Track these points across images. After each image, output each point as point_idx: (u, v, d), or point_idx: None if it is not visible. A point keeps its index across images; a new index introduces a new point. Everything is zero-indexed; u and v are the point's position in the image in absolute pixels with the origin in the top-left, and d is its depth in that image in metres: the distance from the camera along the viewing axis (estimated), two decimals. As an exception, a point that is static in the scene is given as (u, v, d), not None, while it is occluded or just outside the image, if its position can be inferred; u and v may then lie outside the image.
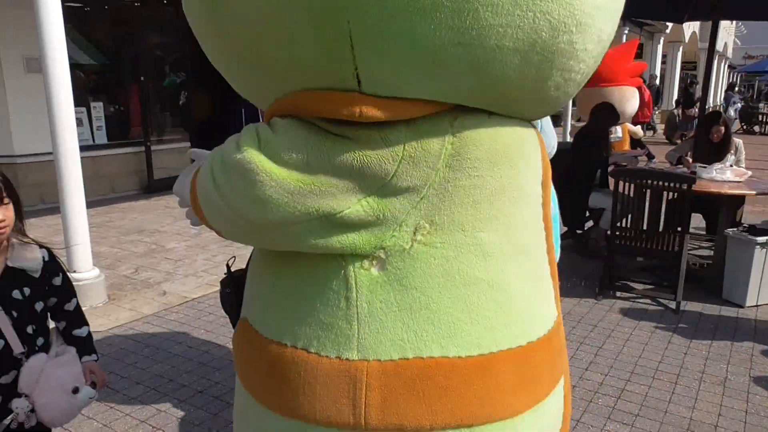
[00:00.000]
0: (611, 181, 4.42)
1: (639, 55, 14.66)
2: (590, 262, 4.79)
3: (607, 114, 4.97)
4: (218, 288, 2.19)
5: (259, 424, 0.97)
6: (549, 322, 1.00)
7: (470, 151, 0.85)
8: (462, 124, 0.85)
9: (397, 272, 0.87)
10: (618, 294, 4.20)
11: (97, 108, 7.35)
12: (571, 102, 12.15)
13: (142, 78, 7.81)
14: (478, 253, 0.88)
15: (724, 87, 30.31)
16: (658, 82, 13.07)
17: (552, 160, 4.34)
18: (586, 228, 5.22)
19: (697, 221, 5.28)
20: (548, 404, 0.99)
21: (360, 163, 0.81)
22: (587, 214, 5.13)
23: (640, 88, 10.55)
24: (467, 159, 0.85)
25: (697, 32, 21.08)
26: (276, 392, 0.92)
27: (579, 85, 0.98)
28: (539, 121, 1.85)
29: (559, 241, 2.13)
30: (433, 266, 0.86)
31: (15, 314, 1.48)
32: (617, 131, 6.66)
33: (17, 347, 1.48)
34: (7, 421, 1.48)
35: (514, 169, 0.91)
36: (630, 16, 9.40)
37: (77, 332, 1.66)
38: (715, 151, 4.89)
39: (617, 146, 6.86)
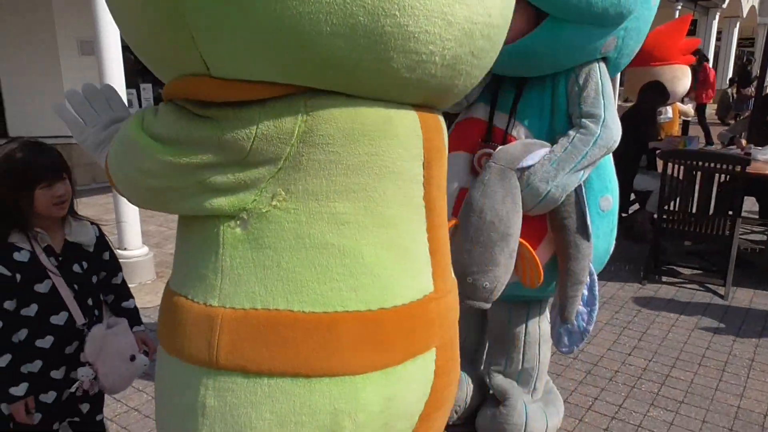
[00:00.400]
0: (660, 163, 4.29)
1: (692, 32, 14.11)
2: (636, 246, 4.68)
3: (656, 93, 4.81)
4: None
5: (160, 365, 1.13)
6: (414, 294, 1.07)
7: (323, 129, 0.94)
8: (316, 104, 0.94)
9: (256, 232, 0.98)
10: (664, 279, 4.11)
11: (146, 89, 7.56)
12: (618, 81, 11.81)
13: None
14: (331, 221, 0.98)
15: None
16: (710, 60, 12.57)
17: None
18: (632, 211, 5.11)
19: (751, 204, 5.09)
20: (402, 372, 1.06)
21: (219, 141, 0.92)
22: (633, 197, 5.01)
23: (704, 67, 10.13)
24: (320, 135, 0.94)
25: (756, 6, 20.06)
26: (169, 335, 1.06)
27: (451, 67, 1.01)
28: (602, 113, 1.81)
29: (614, 231, 2.08)
30: (286, 229, 0.97)
31: (76, 287, 1.57)
32: (668, 111, 6.43)
33: (80, 319, 1.56)
34: (72, 389, 1.57)
35: (375, 147, 0.99)
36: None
37: (125, 304, 1.74)
38: (772, 133, 4.69)
39: (667, 127, 6.64)
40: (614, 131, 1.84)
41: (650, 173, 4.73)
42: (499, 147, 1.86)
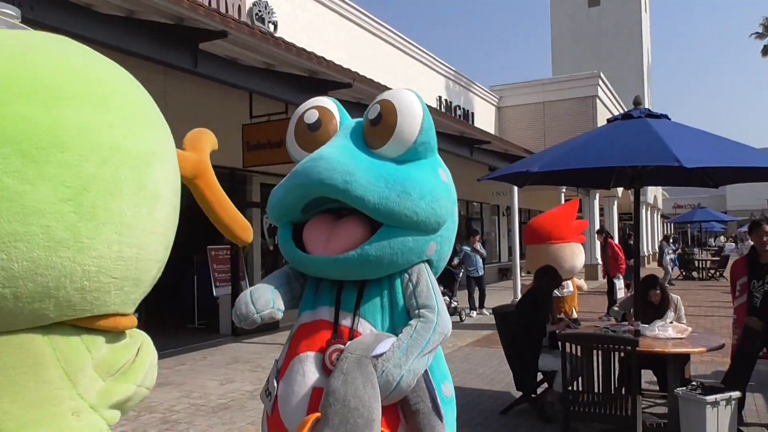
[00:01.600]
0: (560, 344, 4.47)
1: (579, 209, 15.61)
2: (548, 428, 4.66)
3: (550, 277, 5.17)
4: None
5: None
6: None
7: None
8: None
9: None
10: (579, 464, 4.05)
11: None
12: (517, 258, 12.62)
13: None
14: None
15: (659, 235, 32.23)
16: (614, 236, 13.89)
17: (500, 324, 4.42)
18: (540, 392, 5.16)
19: (651, 374, 5.30)
20: None
21: None
22: (541, 376, 5.11)
23: (609, 244, 11.22)
24: None
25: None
26: None
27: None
28: (436, 305, 2.08)
29: (455, 419, 2.18)
30: None
31: None
32: (568, 285, 6.90)
33: None
34: None
35: None
36: (563, 184, 10.18)
37: None
38: (656, 309, 5.08)
39: (570, 300, 7.06)
40: (447, 320, 2.08)
41: (553, 353, 4.89)
42: (350, 341, 1.99)
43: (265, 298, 2.08)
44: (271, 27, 10.05)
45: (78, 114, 1.07)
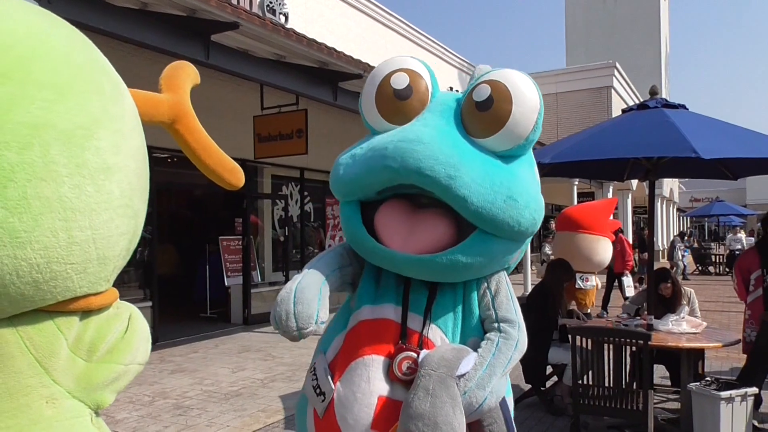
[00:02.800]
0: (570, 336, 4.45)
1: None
2: (557, 421, 4.66)
3: (562, 270, 5.14)
4: None
5: None
6: None
7: None
8: None
9: None
10: (588, 457, 4.05)
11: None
12: (528, 252, 12.56)
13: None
14: None
15: (675, 229, 31.86)
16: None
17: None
18: (549, 384, 5.15)
19: (663, 370, 5.26)
20: None
21: None
22: (550, 370, 5.10)
23: (619, 238, 11.01)
24: None
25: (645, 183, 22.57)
26: None
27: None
28: (517, 319, 1.89)
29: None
30: None
31: None
32: (592, 279, 6.79)
33: None
34: None
35: None
36: (576, 176, 10.10)
37: None
38: (667, 303, 5.03)
39: (590, 294, 6.97)
40: (526, 336, 1.91)
41: (563, 346, 4.87)
42: (427, 352, 1.80)
43: (308, 312, 1.77)
44: (282, 18, 10.03)
45: None
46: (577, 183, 16.21)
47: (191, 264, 10.57)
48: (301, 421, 1.99)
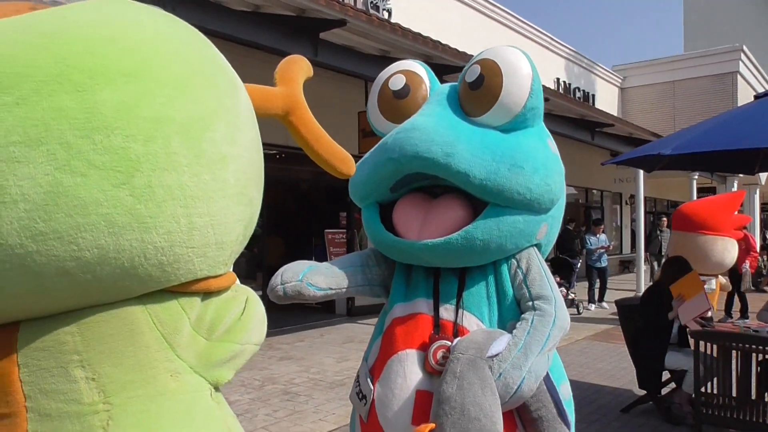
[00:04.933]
0: (692, 341, 4.14)
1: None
2: (675, 430, 4.35)
3: (677, 268, 4.78)
4: None
5: None
6: None
7: None
8: None
9: None
10: (711, 472, 3.76)
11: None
12: (641, 248, 11.86)
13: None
14: None
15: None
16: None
17: (623, 317, 4.13)
18: (667, 391, 4.83)
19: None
20: None
21: None
22: (668, 375, 4.78)
23: (745, 236, 10.04)
24: None
25: (774, 174, 20.61)
26: None
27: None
28: (552, 294, 1.84)
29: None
30: None
31: None
32: (711, 282, 6.27)
33: None
34: None
35: None
36: (697, 169, 9.39)
37: None
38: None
39: (710, 298, 6.42)
40: (566, 312, 1.84)
41: (683, 351, 4.55)
42: (458, 338, 1.76)
43: (294, 270, 1.82)
44: (385, 14, 10.13)
45: (113, 92, 1.02)
46: (696, 177, 15.07)
47: (298, 256, 10.93)
48: (353, 429, 2.00)
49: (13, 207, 0.96)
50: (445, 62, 7.40)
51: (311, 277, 1.83)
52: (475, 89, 1.83)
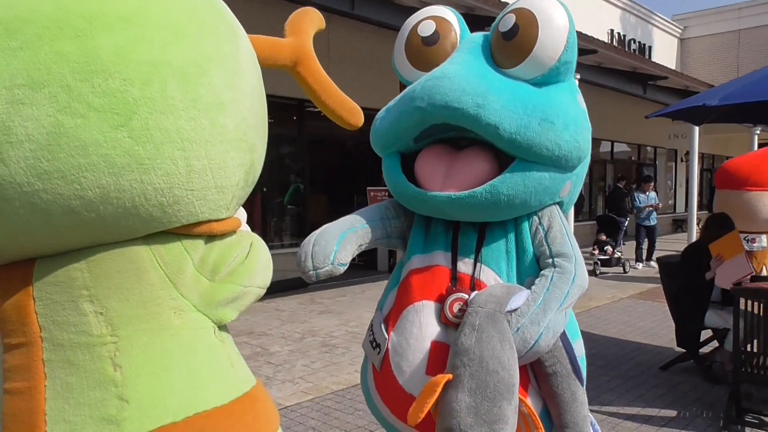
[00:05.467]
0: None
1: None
2: (715, 389, 4.28)
3: (719, 225, 4.59)
4: (311, 396, 2.22)
5: None
6: None
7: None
8: None
9: None
10: (747, 430, 3.68)
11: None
12: (694, 209, 11.43)
13: (264, 189, 8.51)
14: None
15: None
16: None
17: (664, 275, 3.99)
18: (708, 350, 4.73)
19: None
20: None
21: None
22: (710, 334, 4.67)
23: None
24: None
25: None
26: None
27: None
28: (572, 252, 1.82)
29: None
30: None
31: None
32: (761, 240, 5.99)
33: None
34: None
35: None
36: (754, 122, 8.88)
37: None
38: None
39: (759, 256, 6.17)
40: (585, 271, 1.82)
41: (726, 309, 4.41)
42: (476, 292, 1.76)
43: (325, 252, 1.78)
44: (430, -35, 9.85)
45: (111, 37, 1.06)
46: (758, 132, 14.27)
47: (341, 213, 10.97)
48: (364, 380, 2.01)
49: (19, 147, 1.02)
50: (488, 14, 7.18)
51: (340, 257, 1.82)
52: (509, 40, 1.77)
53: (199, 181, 1.20)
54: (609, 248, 10.07)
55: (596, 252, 10.10)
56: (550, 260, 1.81)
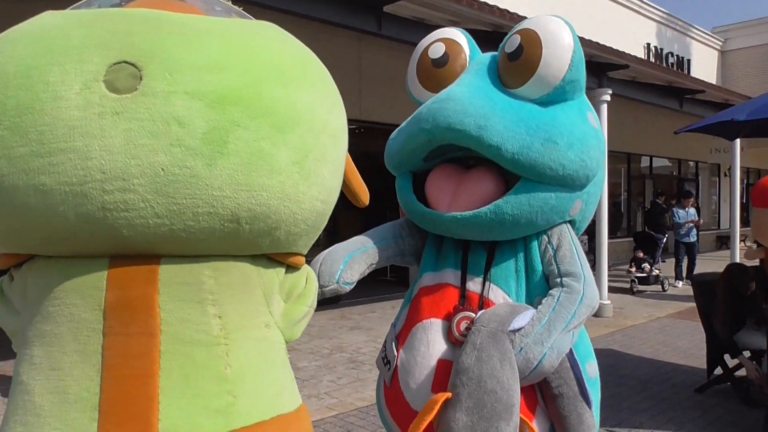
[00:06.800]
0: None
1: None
2: (752, 412, 4.12)
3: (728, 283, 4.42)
4: (336, 412, 2.28)
5: None
6: None
7: (30, 286, 1.30)
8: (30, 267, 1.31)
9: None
10: (787, 456, 3.53)
11: None
12: (737, 227, 11.07)
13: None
14: (29, 362, 1.25)
15: None
16: None
17: (698, 293, 3.88)
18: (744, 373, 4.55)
19: None
20: None
21: None
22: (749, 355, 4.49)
23: None
24: (30, 292, 1.30)
25: None
26: None
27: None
28: (581, 272, 1.81)
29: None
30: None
31: None
32: None
33: None
34: None
35: (58, 297, 1.26)
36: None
37: None
38: None
39: None
40: (595, 290, 1.79)
41: (762, 329, 4.26)
42: (482, 311, 1.76)
43: (330, 272, 1.81)
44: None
45: (305, 95, 1.32)
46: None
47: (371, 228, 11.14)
48: (378, 396, 2.05)
49: (227, 158, 1.19)
50: (516, 30, 7.17)
51: (346, 276, 1.85)
52: (514, 60, 1.79)
53: (314, 220, 1.41)
54: (646, 265, 9.83)
55: (633, 269, 9.87)
56: (559, 279, 1.80)
